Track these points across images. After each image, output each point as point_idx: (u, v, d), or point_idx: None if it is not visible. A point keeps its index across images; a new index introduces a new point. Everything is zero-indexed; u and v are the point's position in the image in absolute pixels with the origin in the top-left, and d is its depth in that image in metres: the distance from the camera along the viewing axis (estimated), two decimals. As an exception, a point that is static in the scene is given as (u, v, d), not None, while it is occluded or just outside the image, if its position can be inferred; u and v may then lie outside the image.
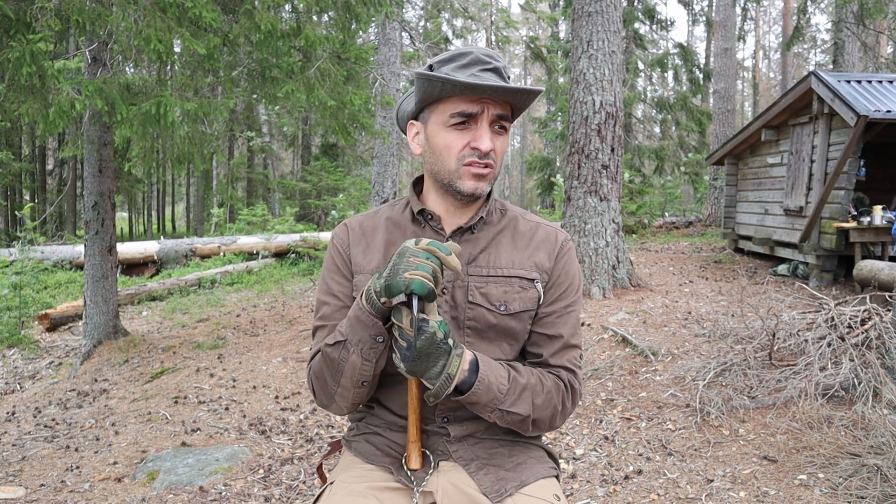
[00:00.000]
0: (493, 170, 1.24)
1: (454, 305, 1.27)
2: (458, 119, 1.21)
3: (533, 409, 1.22)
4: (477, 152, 1.21)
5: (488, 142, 1.21)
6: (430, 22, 16.78)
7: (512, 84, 1.19)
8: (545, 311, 1.31)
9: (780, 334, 4.04)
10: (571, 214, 6.61)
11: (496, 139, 1.23)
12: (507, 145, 1.28)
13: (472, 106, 1.19)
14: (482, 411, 1.20)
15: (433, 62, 1.25)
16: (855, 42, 13.06)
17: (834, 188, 6.81)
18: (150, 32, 3.64)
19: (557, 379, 1.27)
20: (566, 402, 1.28)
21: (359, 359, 1.17)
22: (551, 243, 1.34)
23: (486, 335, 1.27)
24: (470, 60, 1.22)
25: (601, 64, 6.48)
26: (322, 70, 4.96)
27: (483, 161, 1.22)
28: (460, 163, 1.23)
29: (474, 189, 1.23)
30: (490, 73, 1.21)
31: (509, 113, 1.24)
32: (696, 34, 30.96)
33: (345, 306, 1.30)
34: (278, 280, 9.18)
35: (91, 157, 5.37)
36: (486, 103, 1.20)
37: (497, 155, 1.24)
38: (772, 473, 2.85)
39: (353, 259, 1.33)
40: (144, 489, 2.93)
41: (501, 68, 1.23)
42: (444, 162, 1.24)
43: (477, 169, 1.22)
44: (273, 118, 19.97)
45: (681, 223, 14.80)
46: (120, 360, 5.24)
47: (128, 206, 26.84)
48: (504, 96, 1.20)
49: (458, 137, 1.22)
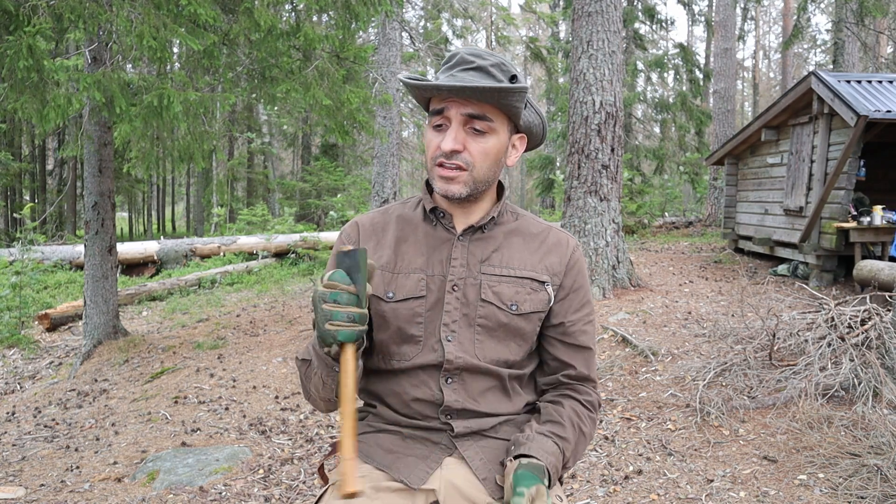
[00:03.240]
0: (465, 172, 1.22)
1: (465, 302, 1.27)
2: (433, 118, 1.23)
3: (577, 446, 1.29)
4: (442, 153, 1.21)
5: (450, 142, 1.19)
6: (431, 22, 16.78)
7: (458, 83, 1.14)
8: (570, 318, 1.33)
9: (780, 334, 4.04)
10: (571, 214, 6.61)
11: (472, 140, 1.21)
12: (493, 147, 1.23)
13: (438, 104, 1.21)
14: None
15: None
16: (855, 42, 13.06)
17: (834, 188, 6.81)
18: (143, 29, 3.63)
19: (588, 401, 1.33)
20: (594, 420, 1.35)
21: (320, 381, 1.21)
22: (563, 248, 1.35)
23: (496, 334, 1.28)
24: (455, 61, 1.22)
25: (601, 64, 6.48)
26: (320, 69, 4.96)
27: (451, 162, 1.21)
28: (433, 163, 1.24)
29: (444, 191, 1.23)
30: (471, 72, 1.19)
31: (487, 112, 1.20)
32: (696, 34, 30.95)
33: None
34: (278, 280, 9.18)
35: (91, 156, 5.37)
36: (451, 102, 1.19)
37: (473, 155, 1.21)
38: (772, 473, 2.85)
39: None
40: (144, 489, 2.93)
41: (490, 66, 1.20)
42: (427, 161, 1.27)
43: (444, 171, 1.22)
44: (273, 118, 19.98)
45: (681, 223, 14.80)
46: (120, 360, 5.24)
47: (128, 206, 26.84)
48: (455, 95, 1.18)
49: (433, 138, 1.23)
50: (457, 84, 1.15)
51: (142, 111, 4.04)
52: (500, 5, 18.47)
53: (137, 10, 3.73)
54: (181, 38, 3.89)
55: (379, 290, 1.30)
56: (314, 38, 4.68)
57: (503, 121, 1.24)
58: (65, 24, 3.82)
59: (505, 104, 1.20)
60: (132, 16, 3.73)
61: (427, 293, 1.28)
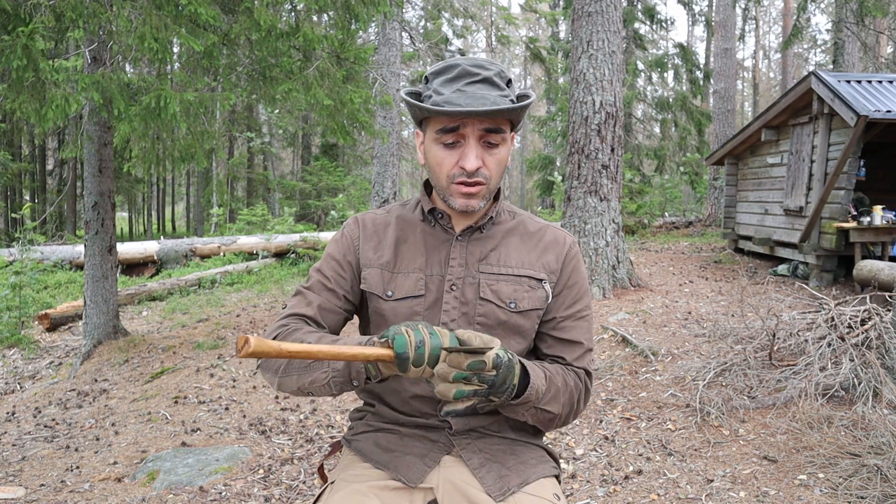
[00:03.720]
0: (483, 186, 1.23)
1: (464, 301, 1.28)
2: (443, 136, 1.21)
3: (561, 407, 1.25)
4: (464, 172, 1.21)
5: (473, 161, 1.20)
6: (431, 22, 16.78)
7: (484, 107, 1.14)
8: (563, 314, 1.33)
9: (780, 334, 4.04)
10: (571, 214, 6.61)
11: (487, 154, 1.22)
12: (504, 156, 1.25)
13: (451, 123, 1.19)
14: (520, 409, 1.19)
15: (429, 73, 1.26)
16: (855, 42, 13.05)
17: (834, 188, 6.80)
18: (144, 30, 3.63)
19: (577, 379, 1.30)
20: (581, 401, 1.31)
21: (326, 380, 1.16)
22: (560, 246, 1.36)
23: (496, 331, 1.29)
24: (457, 74, 1.21)
25: (601, 64, 6.48)
26: (321, 69, 4.96)
27: (472, 180, 1.22)
28: (450, 181, 1.23)
29: (465, 206, 1.24)
30: (479, 85, 1.19)
31: (501, 125, 1.21)
32: (696, 34, 30.94)
33: (330, 290, 1.32)
34: (278, 280, 9.18)
35: (91, 156, 5.37)
36: (465, 120, 1.19)
37: (490, 169, 1.23)
38: (772, 473, 2.85)
39: (363, 254, 1.35)
40: (144, 489, 2.93)
41: (493, 76, 1.21)
42: (437, 178, 1.26)
43: (466, 188, 1.23)
44: (273, 118, 19.97)
45: (681, 223, 14.79)
46: (120, 360, 5.24)
47: (128, 206, 26.83)
48: (477, 118, 1.18)
49: (447, 156, 1.23)
50: (486, 109, 1.14)
51: (140, 112, 4.04)
52: (500, 5, 18.47)
53: (138, 10, 3.73)
54: (182, 38, 3.89)
55: (378, 289, 1.31)
56: (313, 39, 4.68)
57: (508, 127, 1.25)
58: (65, 24, 3.82)
59: (520, 116, 1.23)
60: (132, 16, 3.73)
61: (426, 292, 1.29)
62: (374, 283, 1.32)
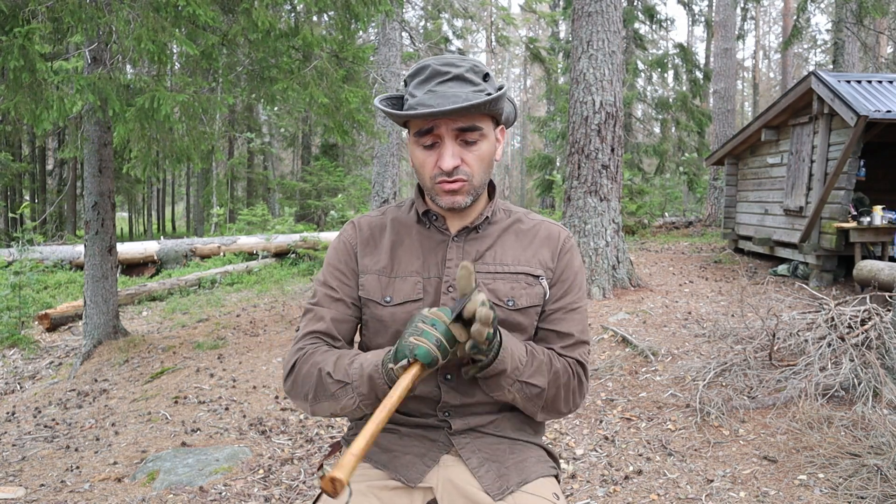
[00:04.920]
0: (466, 182, 1.24)
1: None
2: (421, 138, 1.22)
3: (548, 382, 1.24)
4: (443, 172, 1.22)
5: (449, 161, 1.20)
6: (431, 22, 16.78)
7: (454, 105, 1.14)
8: (552, 307, 1.33)
9: (780, 334, 4.04)
10: (571, 214, 6.61)
11: (466, 151, 1.23)
12: (486, 151, 1.25)
13: (425, 124, 1.20)
14: (504, 383, 1.20)
15: (406, 77, 1.27)
16: (855, 42, 13.05)
17: (834, 188, 6.80)
18: (141, 32, 3.63)
19: (567, 366, 1.29)
20: (573, 385, 1.29)
21: (355, 406, 1.20)
22: (554, 240, 1.36)
23: None
24: (427, 75, 1.21)
25: (601, 64, 6.48)
26: (319, 69, 4.96)
27: (452, 178, 1.22)
28: (433, 181, 1.25)
29: (451, 203, 1.25)
30: (450, 83, 1.19)
31: (476, 121, 1.21)
32: (696, 34, 30.94)
33: (338, 300, 1.33)
34: (278, 280, 9.18)
35: (91, 157, 5.37)
36: (439, 120, 1.19)
37: (471, 166, 1.23)
38: (772, 473, 2.85)
39: (361, 260, 1.35)
40: (144, 489, 2.93)
41: (465, 72, 1.20)
42: (423, 179, 1.27)
43: (448, 186, 1.23)
44: (273, 119, 19.98)
45: (681, 223, 14.80)
46: (120, 360, 5.24)
47: (128, 206, 26.82)
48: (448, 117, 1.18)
49: (427, 157, 1.24)
50: (449, 108, 1.14)
51: (135, 113, 4.04)
52: (500, 5, 18.46)
53: (136, 12, 3.72)
54: (179, 41, 3.88)
55: (377, 295, 1.31)
56: (313, 41, 4.68)
57: (489, 123, 1.25)
58: (64, 27, 3.82)
59: (493, 109, 1.22)
60: (131, 17, 3.73)
61: (424, 296, 1.29)
62: (371, 289, 1.32)
